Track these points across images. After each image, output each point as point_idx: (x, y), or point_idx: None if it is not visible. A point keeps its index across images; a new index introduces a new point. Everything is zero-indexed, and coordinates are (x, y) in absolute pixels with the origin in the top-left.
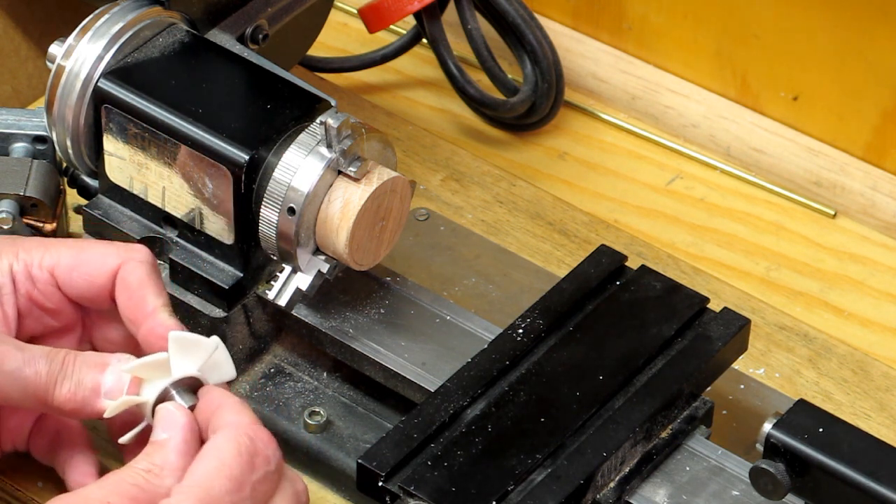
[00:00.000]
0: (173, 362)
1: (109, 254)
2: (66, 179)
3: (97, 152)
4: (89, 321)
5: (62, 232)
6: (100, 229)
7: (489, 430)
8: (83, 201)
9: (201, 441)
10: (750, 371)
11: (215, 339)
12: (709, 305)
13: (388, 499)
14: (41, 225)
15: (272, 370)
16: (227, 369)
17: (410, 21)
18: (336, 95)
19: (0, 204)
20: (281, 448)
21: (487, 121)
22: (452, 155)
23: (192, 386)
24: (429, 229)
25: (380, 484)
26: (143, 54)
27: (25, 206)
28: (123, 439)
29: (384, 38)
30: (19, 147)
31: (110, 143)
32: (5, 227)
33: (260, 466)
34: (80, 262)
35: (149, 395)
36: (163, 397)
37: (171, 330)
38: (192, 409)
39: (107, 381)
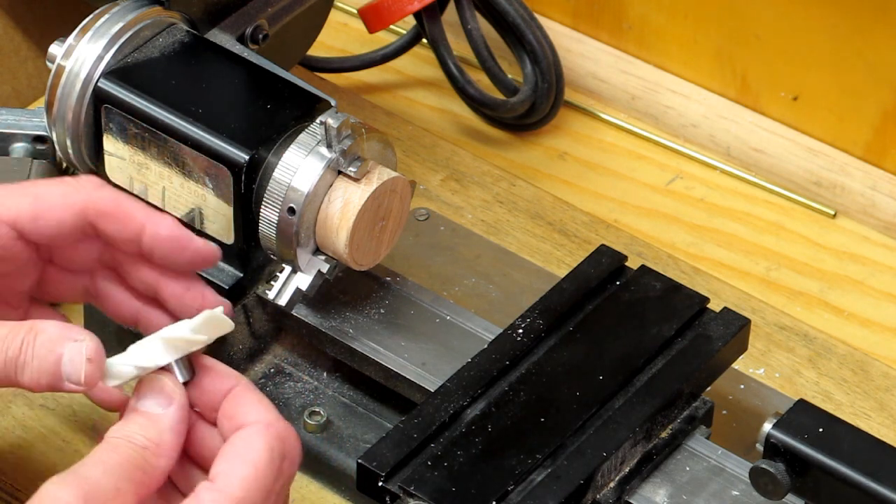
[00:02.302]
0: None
1: (69, 194)
2: None
3: (97, 152)
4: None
5: None
6: None
7: (489, 430)
8: None
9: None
10: (750, 371)
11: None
12: (709, 305)
13: (388, 499)
14: None
15: (272, 370)
16: (224, 324)
17: (410, 21)
18: (336, 95)
19: None
20: None
21: (487, 121)
22: (452, 155)
23: (188, 358)
24: (429, 229)
25: (380, 484)
26: (143, 54)
27: None
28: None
29: (384, 38)
30: (19, 147)
31: (110, 143)
32: None
33: (286, 470)
34: (41, 209)
35: (149, 361)
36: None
37: (171, 221)
38: (186, 384)
39: (66, 368)
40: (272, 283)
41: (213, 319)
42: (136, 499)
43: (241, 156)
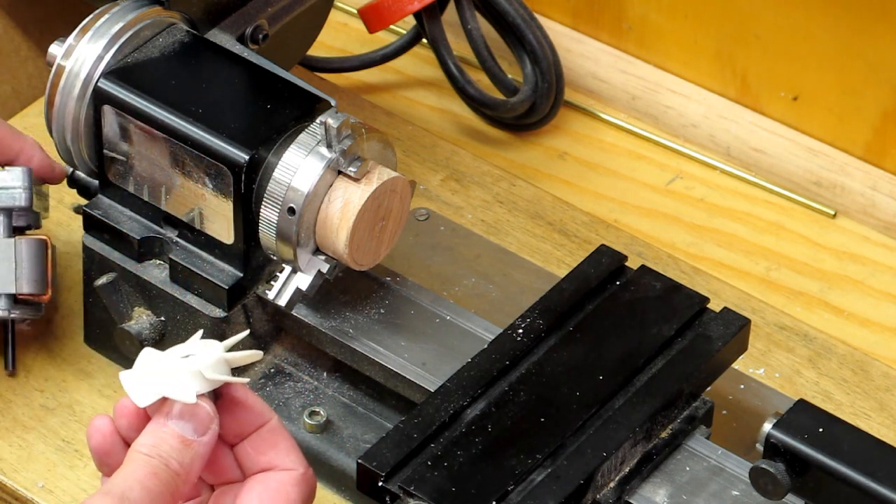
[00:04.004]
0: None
1: None
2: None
3: (97, 152)
4: None
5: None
6: (100, 229)
7: (489, 430)
8: (83, 201)
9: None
10: (750, 371)
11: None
12: (709, 305)
13: (388, 499)
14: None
15: (272, 370)
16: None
17: (410, 21)
18: (336, 95)
19: None
20: None
21: (487, 121)
22: (452, 155)
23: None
24: (429, 229)
25: (380, 484)
26: (143, 54)
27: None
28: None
29: (384, 38)
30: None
31: (110, 143)
32: None
33: None
34: None
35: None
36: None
37: None
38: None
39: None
40: (272, 283)
41: (253, 356)
42: None
43: (241, 156)
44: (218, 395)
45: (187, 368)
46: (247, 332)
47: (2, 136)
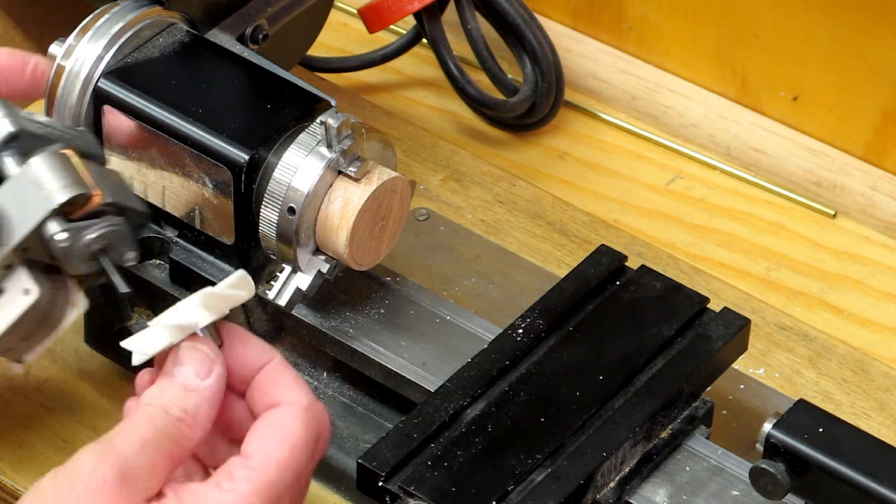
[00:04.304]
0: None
1: None
2: None
3: None
4: None
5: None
6: None
7: (489, 430)
8: None
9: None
10: (750, 371)
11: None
12: (709, 305)
13: (388, 499)
14: None
15: None
16: (250, 286)
17: (410, 21)
18: (336, 95)
19: None
20: None
21: (487, 121)
22: (452, 155)
23: (216, 326)
24: (429, 229)
25: (380, 484)
26: (143, 54)
27: None
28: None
29: (384, 38)
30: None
31: (110, 143)
32: None
33: (318, 452)
34: None
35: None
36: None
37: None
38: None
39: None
40: (272, 283)
41: (244, 279)
42: (167, 472)
43: (241, 156)
44: (220, 343)
45: (184, 306)
46: (240, 271)
47: None
